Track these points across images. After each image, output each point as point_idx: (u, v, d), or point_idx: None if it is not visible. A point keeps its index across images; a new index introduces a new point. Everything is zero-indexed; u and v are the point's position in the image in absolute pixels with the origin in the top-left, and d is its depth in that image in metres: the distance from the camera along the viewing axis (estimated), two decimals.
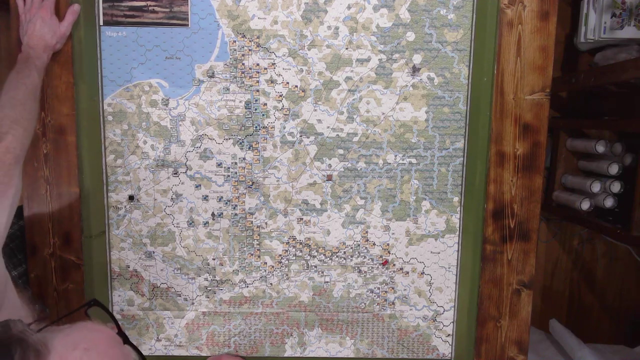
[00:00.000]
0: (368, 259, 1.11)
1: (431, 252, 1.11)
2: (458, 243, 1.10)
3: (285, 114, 1.06)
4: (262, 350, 1.15)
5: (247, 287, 1.12)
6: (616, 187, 1.54)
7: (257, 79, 1.05)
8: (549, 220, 1.90)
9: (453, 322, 1.14)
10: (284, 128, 1.06)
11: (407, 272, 1.11)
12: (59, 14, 0.99)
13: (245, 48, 1.04)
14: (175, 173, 1.08)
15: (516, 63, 1.03)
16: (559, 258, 1.95)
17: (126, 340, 0.61)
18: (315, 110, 1.06)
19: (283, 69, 1.04)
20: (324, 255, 1.11)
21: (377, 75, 1.04)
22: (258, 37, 1.03)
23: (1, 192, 0.79)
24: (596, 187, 1.58)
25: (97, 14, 1.03)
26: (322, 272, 1.11)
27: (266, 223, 1.10)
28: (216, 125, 1.06)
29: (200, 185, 1.08)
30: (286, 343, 1.15)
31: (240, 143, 1.07)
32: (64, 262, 1.08)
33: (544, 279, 1.96)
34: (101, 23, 1.03)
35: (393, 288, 1.12)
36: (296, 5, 1.02)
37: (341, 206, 1.09)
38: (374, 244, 1.10)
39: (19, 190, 0.84)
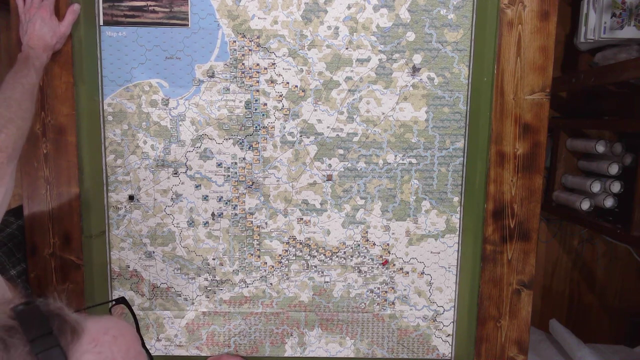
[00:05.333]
0: (368, 259, 1.11)
1: (431, 252, 1.11)
2: (458, 243, 1.10)
3: (285, 114, 1.06)
4: (262, 350, 1.15)
5: (247, 287, 1.12)
6: (616, 187, 1.54)
7: (257, 79, 1.05)
8: (549, 220, 1.90)
9: (453, 322, 1.14)
10: (284, 128, 1.06)
11: (407, 272, 1.11)
12: (59, 13, 0.99)
13: (245, 48, 1.04)
14: (175, 173, 1.08)
15: (516, 63, 1.03)
16: (559, 258, 1.96)
17: (142, 343, 0.62)
18: (315, 110, 1.06)
19: (283, 69, 1.04)
20: (324, 255, 1.11)
21: (377, 75, 1.04)
22: (258, 37, 1.03)
23: None
24: (596, 187, 1.58)
25: (97, 14, 1.03)
26: (322, 272, 1.11)
27: (266, 223, 1.10)
28: (216, 125, 1.06)
29: (200, 185, 1.08)
30: (286, 343, 1.15)
31: (240, 143, 1.07)
32: (64, 262, 1.08)
33: (544, 279, 1.97)
34: (101, 23, 1.03)
35: (393, 288, 1.12)
36: (296, 5, 1.02)
37: (341, 206, 1.09)
38: (374, 244, 1.10)
39: (10, 189, 0.83)
